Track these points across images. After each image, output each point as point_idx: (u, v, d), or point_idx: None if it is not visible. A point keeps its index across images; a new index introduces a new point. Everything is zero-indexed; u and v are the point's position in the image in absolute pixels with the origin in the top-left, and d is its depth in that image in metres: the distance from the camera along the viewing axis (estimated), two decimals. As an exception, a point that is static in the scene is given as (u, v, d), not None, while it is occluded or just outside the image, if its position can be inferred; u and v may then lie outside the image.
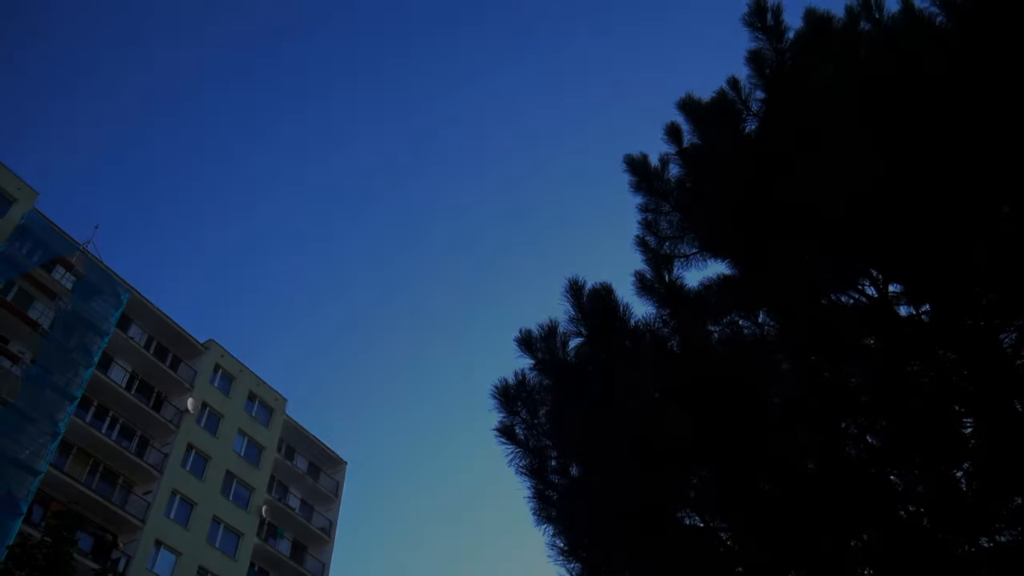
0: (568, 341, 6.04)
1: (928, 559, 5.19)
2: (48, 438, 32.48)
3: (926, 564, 5.28)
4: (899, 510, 5.57)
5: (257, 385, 48.23)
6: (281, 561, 45.02)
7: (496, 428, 6.02)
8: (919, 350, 5.84)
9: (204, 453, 42.40)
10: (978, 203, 5.34)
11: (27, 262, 35.65)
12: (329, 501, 50.98)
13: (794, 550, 5.14)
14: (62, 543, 17.33)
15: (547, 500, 5.69)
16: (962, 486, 5.47)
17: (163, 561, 37.69)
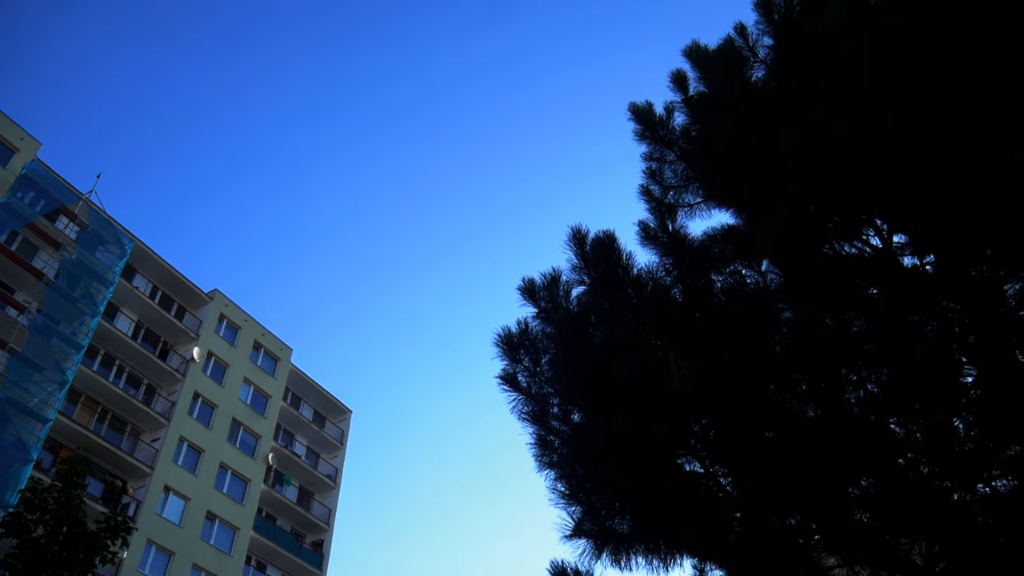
0: (571, 290, 6.04)
1: (925, 505, 5.26)
2: (56, 386, 32.81)
3: (923, 510, 5.35)
4: (897, 457, 5.62)
5: (262, 335, 48.53)
6: (288, 507, 45.82)
7: (499, 376, 6.06)
8: (922, 300, 5.84)
9: (210, 401, 42.87)
10: (988, 152, 5.29)
11: (30, 212, 35.60)
12: (335, 449, 51.67)
13: (793, 495, 5.21)
14: (72, 487, 17.59)
15: (549, 446, 5.75)
16: (960, 434, 5.51)
17: (172, 506, 38.39)
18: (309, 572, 45.12)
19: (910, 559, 5.21)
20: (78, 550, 17.04)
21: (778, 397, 5.38)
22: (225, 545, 40.27)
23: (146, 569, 35.77)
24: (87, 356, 36.46)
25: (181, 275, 44.10)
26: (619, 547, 5.48)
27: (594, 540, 5.49)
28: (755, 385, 5.16)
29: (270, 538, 43.08)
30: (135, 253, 40.93)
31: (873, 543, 5.25)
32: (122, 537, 17.81)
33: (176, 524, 38.04)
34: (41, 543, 16.83)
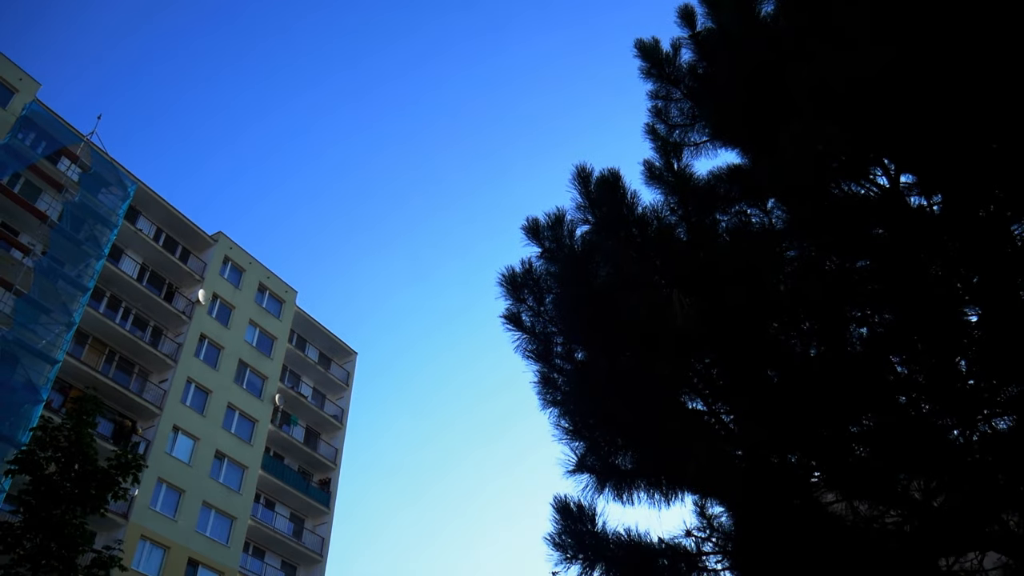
0: (575, 229, 6.02)
1: (925, 442, 5.31)
2: (63, 328, 33.05)
3: (922, 447, 5.41)
4: (898, 396, 5.66)
5: (267, 277, 48.65)
6: (295, 446, 46.54)
7: (503, 315, 6.08)
8: (928, 240, 5.81)
9: (216, 343, 43.20)
10: (1000, 90, 5.20)
11: (31, 154, 35.38)
12: (340, 390, 52.23)
13: (794, 433, 5.26)
14: (83, 426, 17.85)
15: (552, 384, 5.80)
16: (962, 373, 5.54)
17: (181, 445, 39.01)
18: (317, 510, 46.06)
19: (908, 495, 5.29)
20: (90, 486, 17.38)
21: (781, 336, 5.40)
22: (234, 483, 41.03)
23: (157, 506, 36.53)
24: (93, 298, 36.64)
25: (185, 217, 44.04)
26: (621, 482, 5.56)
27: (597, 475, 5.57)
28: (758, 324, 5.18)
29: (278, 477, 43.86)
30: (138, 195, 40.80)
31: (872, 479, 5.32)
32: (133, 474, 18.14)
33: (185, 463, 38.70)
34: (54, 480, 17.16)
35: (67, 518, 16.83)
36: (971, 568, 5.39)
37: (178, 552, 36.51)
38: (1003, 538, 5.25)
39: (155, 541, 35.74)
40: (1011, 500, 5.17)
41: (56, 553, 16.50)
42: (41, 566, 16.32)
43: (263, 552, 42.75)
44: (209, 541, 38.37)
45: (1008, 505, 5.21)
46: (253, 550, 42.00)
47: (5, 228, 33.95)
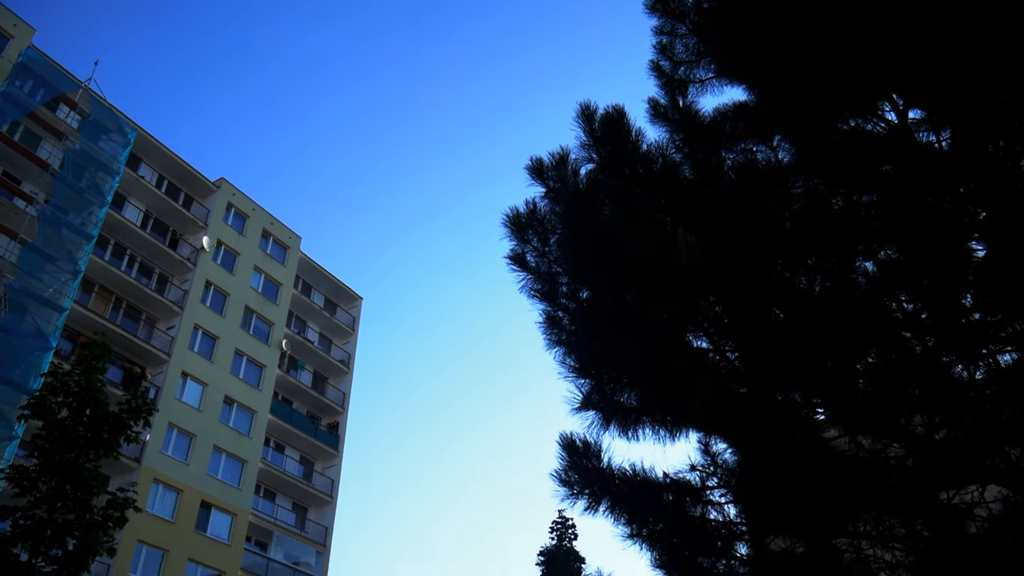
0: (579, 168, 5.97)
1: (928, 378, 5.34)
2: (69, 276, 33.16)
3: (927, 383, 5.44)
4: (902, 332, 5.67)
5: (271, 223, 48.57)
6: (303, 391, 47.05)
7: (508, 256, 6.07)
8: (936, 177, 5.76)
9: (222, 289, 43.35)
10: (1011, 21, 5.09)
11: (30, 101, 35.03)
12: (346, 335, 52.57)
13: (799, 369, 5.29)
14: (93, 371, 18.04)
15: (558, 324, 5.81)
16: (967, 309, 5.54)
17: (191, 391, 39.45)
18: (325, 452, 46.78)
19: (910, 429, 5.34)
20: (102, 430, 17.63)
21: (787, 272, 5.39)
22: (244, 427, 41.61)
23: (169, 451, 37.12)
24: (98, 246, 36.66)
25: (186, 164, 43.79)
26: (626, 419, 5.62)
27: (602, 413, 5.62)
28: (764, 260, 5.16)
29: (287, 421, 44.44)
30: (139, 142, 40.50)
31: (876, 415, 5.36)
32: (144, 418, 18.39)
33: (195, 408, 39.19)
34: (66, 424, 17.41)
35: (81, 461, 17.13)
36: (971, 500, 5.46)
37: (191, 495, 37.22)
38: (1004, 471, 5.31)
39: (168, 484, 36.41)
40: (1013, 434, 5.21)
41: (72, 495, 16.83)
42: (57, 508, 16.67)
43: (274, 494, 43.57)
44: (221, 484, 39.08)
45: (1010, 439, 5.26)
46: (264, 492, 42.81)
47: (7, 177, 33.81)
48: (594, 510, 5.42)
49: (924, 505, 5.26)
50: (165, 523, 35.65)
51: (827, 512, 5.03)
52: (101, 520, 17.01)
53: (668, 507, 5.39)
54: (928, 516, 5.23)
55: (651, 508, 5.34)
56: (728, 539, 5.77)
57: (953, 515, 5.31)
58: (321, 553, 43.75)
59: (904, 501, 5.10)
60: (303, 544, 43.26)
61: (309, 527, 44.35)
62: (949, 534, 5.23)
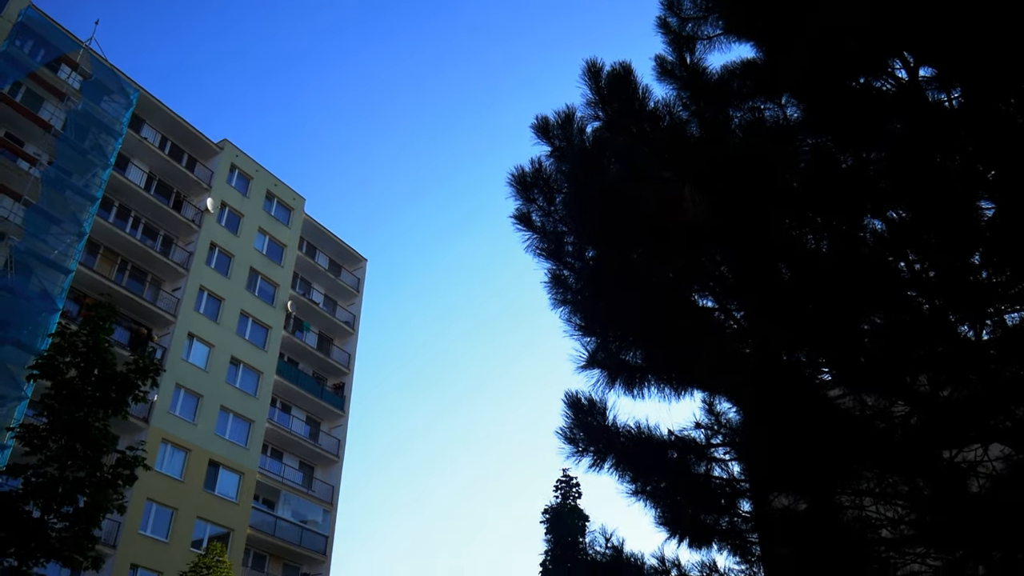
0: (585, 127, 5.92)
1: (935, 337, 5.34)
2: (74, 238, 33.18)
3: (932, 343, 5.44)
4: (909, 292, 5.66)
5: (275, 185, 48.44)
6: (308, 352, 47.31)
7: (513, 215, 6.06)
8: (945, 135, 5.70)
9: (227, 251, 43.39)
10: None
11: (31, 62, 34.73)
12: (351, 296, 52.71)
13: (805, 329, 5.29)
14: (99, 332, 18.14)
15: (563, 283, 5.81)
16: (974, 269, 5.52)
17: (197, 352, 39.70)
18: (332, 413, 47.20)
19: (915, 388, 5.35)
20: (110, 390, 17.78)
21: (793, 231, 5.36)
22: (250, 388, 41.92)
23: (176, 411, 37.47)
24: (102, 208, 36.63)
25: (189, 125, 43.56)
26: (631, 378, 5.64)
27: (607, 371, 5.64)
28: (771, 219, 5.14)
29: (293, 381, 44.77)
30: (141, 103, 40.23)
31: (881, 374, 5.37)
32: (151, 377, 18.52)
33: (202, 369, 39.46)
34: (75, 384, 17.56)
35: (90, 420, 17.31)
36: (974, 459, 5.50)
37: (199, 454, 37.64)
38: (1009, 430, 5.33)
39: (176, 444, 36.81)
40: (1018, 393, 5.22)
41: (82, 453, 17.03)
42: (68, 466, 16.89)
43: (281, 454, 44.05)
44: (228, 443, 39.50)
45: (1015, 398, 5.27)
46: (271, 452, 43.28)
47: (10, 139, 33.67)
48: (599, 467, 5.47)
49: (927, 463, 5.29)
50: (174, 482, 36.10)
51: (830, 469, 5.06)
52: (111, 478, 17.23)
53: (672, 464, 5.43)
54: (930, 474, 5.27)
55: (655, 465, 5.38)
56: (731, 496, 5.83)
57: (955, 473, 5.34)
58: (328, 511, 44.35)
59: (907, 459, 5.13)
60: (310, 503, 43.84)
61: (316, 486, 44.90)
62: (951, 492, 5.27)
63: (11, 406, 28.16)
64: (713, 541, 5.91)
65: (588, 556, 6.10)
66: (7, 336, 28.97)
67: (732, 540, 5.89)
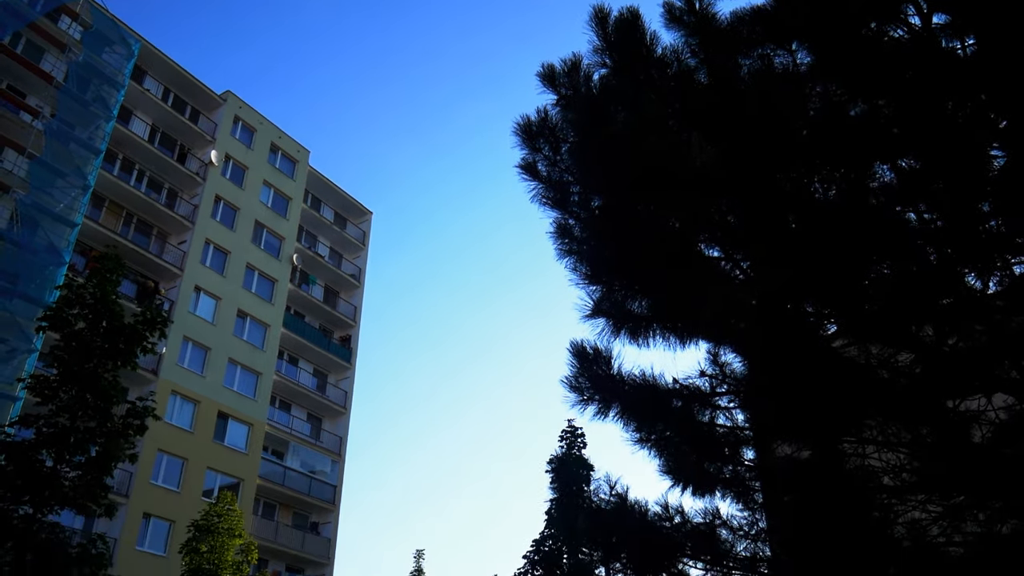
0: (592, 75, 5.85)
1: (941, 287, 5.33)
2: (79, 191, 33.10)
3: (939, 292, 5.43)
4: (915, 242, 5.63)
5: (279, 137, 48.15)
6: (315, 305, 47.52)
7: (518, 165, 6.01)
8: (957, 82, 5.62)
9: (232, 204, 43.32)
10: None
11: (30, 12, 34.28)
12: (357, 249, 52.72)
13: (811, 279, 5.27)
14: (107, 284, 18.22)
15: (569, 233, 5.79)
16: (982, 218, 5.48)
17: (204, 305, 39.89)
18: (338, 365, 47.56)
19: (919, 337, 5.36)
20: (119, 341, 17.92)
21: (802, 180, 5.32)
22: (257, 341, 42.20)
23: (185, 363, 37.79)
24: (106, 161, 36.48)
25: (192, 76, 43.14)
26: (636, 327, 5.65)
27: (612, 320, 5.65)
28: (779, 167, 5.09)
29: (299, 334, 45.04)
30: (143, 55, 39.81)
31: (887, 323, 5.37)
32: (159, 329, 18.65)
33: (209, 322, 39.69)
34: (83, 335, 17.70)
35: (99, 371, 17.48)
36: (977, 408, 5.52)
37: (208, 406, 38.06)
38: (1014, 380, 5.35)
39: (185, 396, 37.21)
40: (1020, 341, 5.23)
41: (92, 404, 17.24)
42: (79, 416, 17.11)
43: (289, 405, 44.52)
44: (237, 395, 39.90)
45: (1018, 347, 5.28)
46: (280, 403, 43.74)
47: (11, 91, 33.42)
48: (604, 415, 5.51)
49: (930, 412, 5.32)
50: (184, 433, 36.57)
51: (834, 418, 5.09)
52: (122, 428, 17.46)
53: (677, 413, 5.47)
54: (934, 423, 5.30)
55: (660, 413, 5.42)
56: (735, 445, 5.88)
57: (959, 422, 5.37)
58: (336, 462, 44.97)
59: (910, 408, 5.16)
60: (318, 453, 44.43)
61: (324, 437, 45.46)
62: (954, 440, 5.31)
63: (21, 358, 28.42)
64: (716, 489, 5.98)
65: (593, 503, 6.18)
66: (15, 289, 29.11)
67: (735, 488, 5.96)
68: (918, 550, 5.23)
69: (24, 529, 15.80)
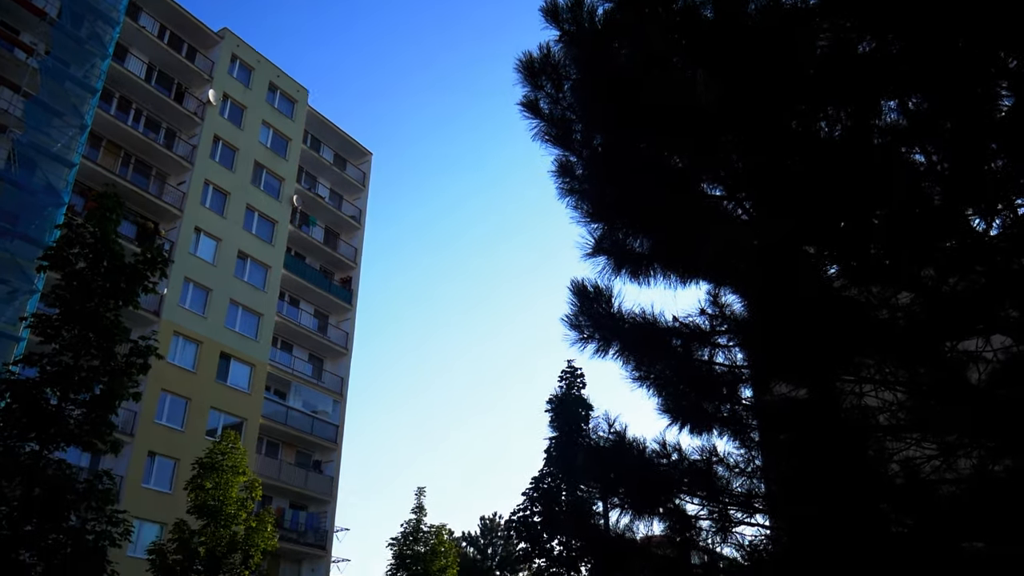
0: (596, 10, 5.73)
1: (943, 229, 5.31)
2: (76, 131, 32.77)
3: (940, 235, 5.41)
4: (922, 184, 5.59)
5: (277, 76, 47.52)
6: (315, 247, 47.51)
7: (520, 102, 5.93)
8: (968, 18, 5.51)
9: (231, 144, 42.97)
10: None
11: (21, -55, 33.50)
12: (357, 190, 52.49)
13: (814, 221, 5.25)
14: (107, 223, 18.18)
15: (570, 172, 5.74)
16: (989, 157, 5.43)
17: (204, 246, 39.89)
18: (339, 306, 47.79)
19: (920, 278, 5.35)
20: (120, 280, 17.96)
21: (808, 118, 5.25)
22: (258, 282, 42.32)
23: (187, 304, 37.95)
24: (103, 100, 36.07)
25: (188, 13, 42.37)
26: (637, 265, 5.64)
27: (613, 258, 5.64)
28: (784, 105, 5.02)
29: (300, 275, 45.15)
30: (137, -11, 39.08)
31: (889, 264, 5.37)
32: (159, 269, 18.67)
33: (210, 263, 39.74)
34: (84, 275, 17.73)
35: (101, 310, 17.56)
36: (975, 349, 5.55)
37: (210, 346, 38.34)
38: (1013, 321, 5.36)
39: (187, 336, 37.45)
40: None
41: (95, 342, 17.36)
42: (82, 355, 17.25)
43: (291, 346, 44.85)
44: (239, 336, 40.17)
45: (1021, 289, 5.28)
46: (281, 344, 44.06)
47: (5, 27, 32.85)
48: (603, 353, 5.54)
49: (928, 352, 5.35)
50: (187, 373, 36.92)
51: (832, 357, 5.12)
52: (125, 366, 17.61)
53: (676, 351, 5.50)
54: (931, 363, 5.33)
55: (659, 351, 5.45)
56: (733, 384, 5.93)
57: (957, 362, 5.40)
58: (338, 402, 45.50)
59: (909, 348, 5.18)
60: (320, 393, 44.92)
61: (326, 377, 45.89)
62: (951, 381, 5.35)
63: (23, 299, 28.52)
64: (714, 427, 6.05)
65: (592, 441, 6.26)
66: (15, 230, 29.06)
67: (732, 426, 6.02)
68: (911, 487, 5.31)
69: (31, 465, 16.06)
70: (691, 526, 5.83)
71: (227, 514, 23.64)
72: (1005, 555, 5.29)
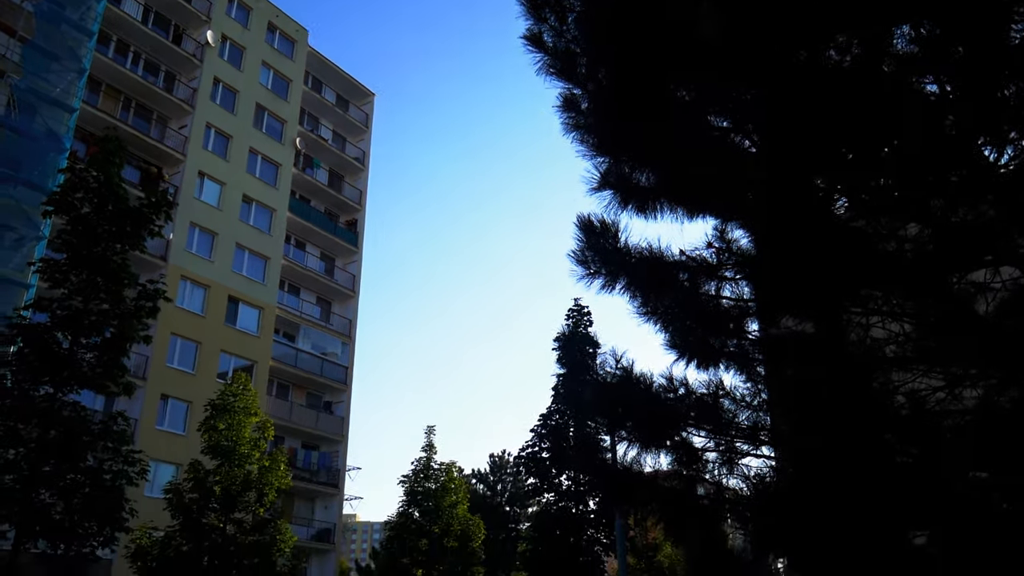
0: (600, -63, 5.58)
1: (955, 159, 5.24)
2: (75, 75, 32.38)
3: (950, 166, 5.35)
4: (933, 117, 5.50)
5: (276, 16, 46.70)
6: (320, 189, 47.34)
7: (523, 35, 5.82)
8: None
9: (231, 87, 42.48)
10: None
11: None
12: (360, 132, 52.02)
13: (823, 153, 5.18)
14: (110, 167, 18.10)
15: (575, 106, 5.66)
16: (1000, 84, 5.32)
17: (209, 190, 39.77)
18: (345, 249, 47.81)
19: (928, 208, 5.31)
20: (125, 224, 17.97)
21: (818, 48, 5.14)
22: (264, 225, 42.29)
23: (193, 248, 38.02)
24: (100, 43, 35.54)
25: (182, -49, 41.48)
26: (644, 200, 5.60)
27: (620, 192, 5.60)
28: (793, 35, 4.91)
29: (305, 218, 45.08)
30: (129, -74, 38.18)
31: (898, 198, 5.32)
32: (164, 212, 18.65)
33: (215, 207, 39.67)
34: (90, 219, 17.73)
35: (108, 254, 17.62)
36: (984, 280, 5.53)
37: (218, 290, 38.52)
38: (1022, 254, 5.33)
39: (195, 280, 37.61)
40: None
41: (103, 286, 17.46)
42: (91, 299, 17.37)
43: (298, 289, 45.04)
44: (246, 280, 40.32)
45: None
46: (288, 287, 44.25)
47: (-3, -32, 32.27)
48: (610, 288, 5.53)
49: (936, 283, 5.33)
50: (196, 317, 37.18)
51: (840, 289, 5.11)
52: (134, 309, 17.74)
53: (683, 285, 5.49)
54: (939, 294, 5.32)
55: (666, 285, 5.44)
56: (739, 318, 5.93)
57: (964, 294, 5.39)
58: (346, 344, 45.86)
59: (916, 279, 5.17)
60: (329, 335, 45.26)
61: (334, 320, 46.19)
62: (958, 312, 5.34)
63: (30, 246, 28.58)
64: (720, 362, 6.07)
65: (599, 377, 6.29)
66: (18, 176, 28.95)
67: (739, 361, 6.04)
68: (916, 418, 5.34)
69: (47, 408, 16.32)
70: (697, 459, 5.90)
71: (240, 454, 24.04)
72: (1008, 484, 5.35)
